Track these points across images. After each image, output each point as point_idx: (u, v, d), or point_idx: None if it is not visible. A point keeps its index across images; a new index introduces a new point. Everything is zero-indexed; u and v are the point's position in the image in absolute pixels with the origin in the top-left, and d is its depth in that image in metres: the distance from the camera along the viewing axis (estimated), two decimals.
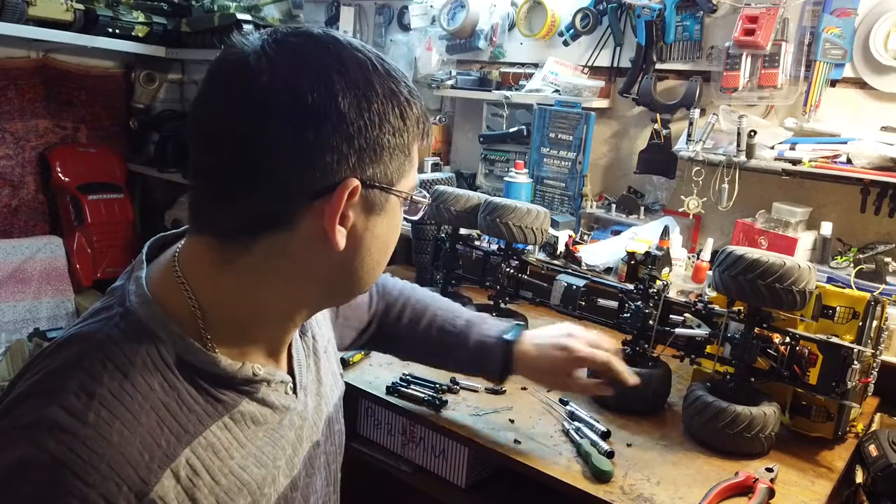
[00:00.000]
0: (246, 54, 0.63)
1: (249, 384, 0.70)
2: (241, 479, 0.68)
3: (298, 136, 0.62)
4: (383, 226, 0.70)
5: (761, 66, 1.92)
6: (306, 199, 0.64)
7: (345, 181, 0.64)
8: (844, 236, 1.86)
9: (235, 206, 0.65)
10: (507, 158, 2.51)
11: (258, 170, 0.63)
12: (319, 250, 0.67)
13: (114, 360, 0.62)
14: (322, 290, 0.72)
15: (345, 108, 0.62)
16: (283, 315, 0.72)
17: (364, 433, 1.61)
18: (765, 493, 1.15)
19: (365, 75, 0.65)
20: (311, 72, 0.62)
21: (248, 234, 0.66)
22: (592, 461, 1.21)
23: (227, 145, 0.63)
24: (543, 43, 2.42)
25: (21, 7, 2.50)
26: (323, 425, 0.85)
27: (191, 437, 0.64)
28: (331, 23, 2.96)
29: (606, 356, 1.19)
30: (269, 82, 0.62)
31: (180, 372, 0.65)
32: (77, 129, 3.23)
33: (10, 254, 2.90)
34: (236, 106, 0.63)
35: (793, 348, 1.32)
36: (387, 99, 0.65)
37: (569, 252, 2.00)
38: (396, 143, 0.67)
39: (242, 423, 0.69)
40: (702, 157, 1.92)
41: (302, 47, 0.64)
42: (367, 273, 0.73)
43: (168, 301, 0.67)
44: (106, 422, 0.59)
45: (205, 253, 0.68)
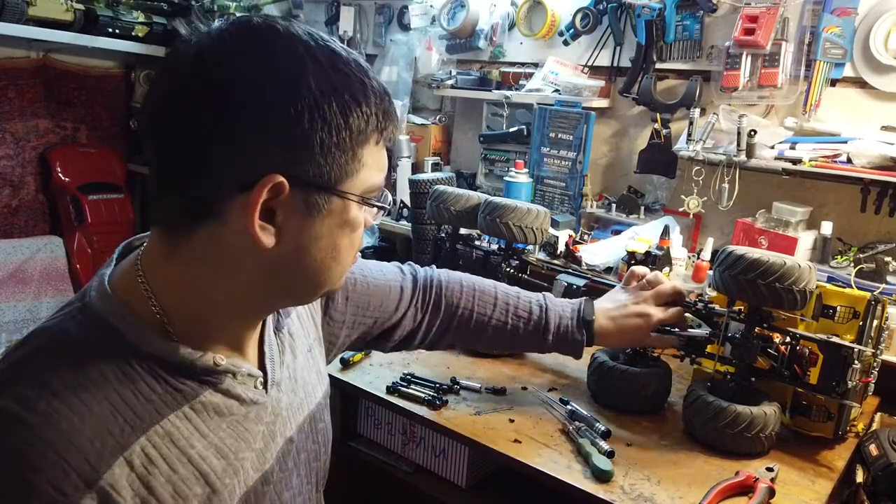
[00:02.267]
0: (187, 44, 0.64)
1: (211, 374, 0.70)
2: (200, 469, 0.68)
3: (222, 127, 0.61)
4: (324, 227, 0.67)
5: (761, 66, 1.92)
6: (230, 191, 0.63)
7: (265, 176, 0.62)
8: (845, 236, 1.86)
9: (172, 195, 0.65)
10: (507, 158, 2.51)
11: (188, 159, 0.63)
12: (250, 246, 0.65)
13: (69, 352, 0.64)
14: (268, 286, 0.70)
15: (267, 99, 0.61)
16: (235, 308, 0.71)
17: (364, 433, 1.61)
18: (765, 492, 1.15)
19: (298, 68, 0.62)
20: (236, 61, 0.62)
21: (185, 224, 0.66)
22: (593, 461, 1.21)
23: (163, 134, 0.64)
24: (543, 43, 2.42)
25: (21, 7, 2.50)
26: (301, 422, 0.84)
27: (147, 425, 0.64)
28: (331, 23, 2.96)
29: (679, 311, 1.33)
30: (196, 72, 0.62)
31: (139, 362, 0.65)
32: (77, 129, 3.23)
33: (11, 254, 2.90)
34: (170, 96, 0.64)
35: (793, 348, 1.31)
36: (322, 94, 0.62)
37: (569, 252, 2.00)
38: (334, 142, 0.63)
39: (204, 414, 0.69)
40: (702, 156, 1.92)
41: (234, 36, 0.63)
42: (315, 275, 0.70)
43: (129, 295, 0.68)
44: (56, 411, 0.60)
45: (156, 244, 0.69)
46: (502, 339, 1.27)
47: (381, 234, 2.51)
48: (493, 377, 1.57)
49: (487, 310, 1.24)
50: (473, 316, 1.23)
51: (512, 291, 1.29)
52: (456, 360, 1.65)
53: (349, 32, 2.91)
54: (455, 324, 1.23)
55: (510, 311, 1.25)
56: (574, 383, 1.57)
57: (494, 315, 1.24)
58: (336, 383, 1.53)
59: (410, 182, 2.14)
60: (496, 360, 1.66)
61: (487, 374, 1.59)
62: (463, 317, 1.23)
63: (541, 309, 1.26)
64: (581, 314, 1.27)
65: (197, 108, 0.62)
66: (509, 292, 1.28)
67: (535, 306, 1.26)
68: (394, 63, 2.79)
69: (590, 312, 1.28)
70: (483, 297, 1.24)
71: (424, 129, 2.73)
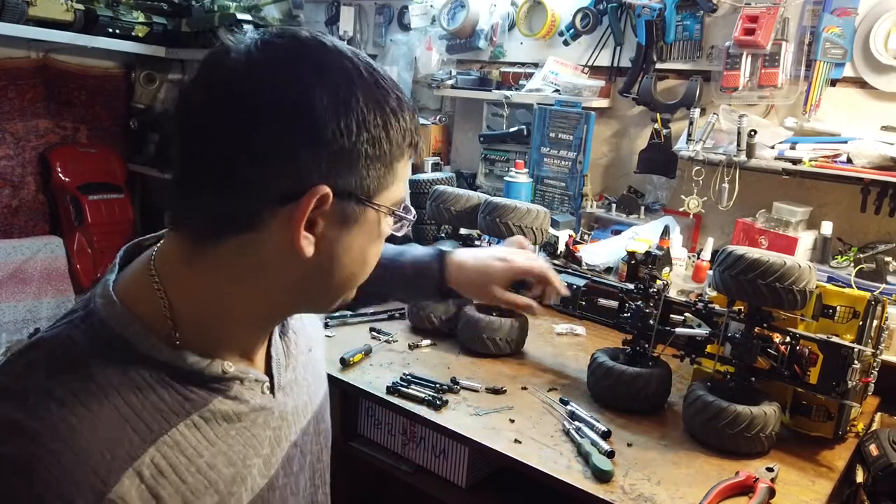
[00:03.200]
0: (230, 52, 0.64)
1: (220, 382, 0.69)
2: (209, 478, 0.67)
3: (269, 137, 0.61)
4: (358, 238, 0.68)
5: (761, 66, 1.92)
6: (274, 203, 0.63)
7: (314, 188, 0.62)
8: (845, 236, 1.86)
9: (205, 202, 0.64)
10: (508, 158, 2.51)
11: (228, 168, 0.62)
12: (287, 257, 0.65)
13: (75, 360, 0.62)
14: (292, 298, 0.70)
15: (320, 112, 0.61)
16: (253, 319, 0.71)
17: (364, 433, 1.61)
18: (765, 492, 1.15)
19: (347, 82, 0.63)
20: (289, 74, 0.62)
21: (214, 232, 0.65)
22: (593, 461, 1.21)
23: (202, 141, 0.63)
24: (543, 43, 2.42)
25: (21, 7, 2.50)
26: (305, 425, 0.84)
27: (156, 435, 0.63)
28: (331, 23, 2.96)
29: (544, 266, 1.23)
30: (245, 80, 0.62)
31: (146, 371, 0.64)
32: (77, 130, 3.23)
33: (11, 254, 2.90)
34: (214, 102, 0.63)
35: (793, 348, 1.32)
36: (368, 108, 0.64)
37: (569, 252, 2.00)
38: (375, 154, 0.65)
39: (213, 422, 0.68)
40: (702, 156, 1.92)
41: (285, 49, 0.64)
42: (341, 285, 0.71)
43: (138, 301, 0.66)
44: (63, 420, 0.59)
45: (177, 249, 0.67)
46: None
47: None
48: (493, 377, 1.57)
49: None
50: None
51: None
52: (456, 360, 1.65)
53: (349, 32, 2.91)
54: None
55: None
56: (574, 383, 1.57)
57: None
58: (336, 383, 1.53)
59: (410, 182, 2.14)
60: (496, 360, 1.66)
61: (487, 374, 1.59)
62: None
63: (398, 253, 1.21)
64: (437, 250, 1.21)
65: (248, 118, 0.61)
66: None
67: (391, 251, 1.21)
68: (394, 63, 2.79)
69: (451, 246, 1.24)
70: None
71: (424, 129, 2.72)
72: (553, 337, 1.88)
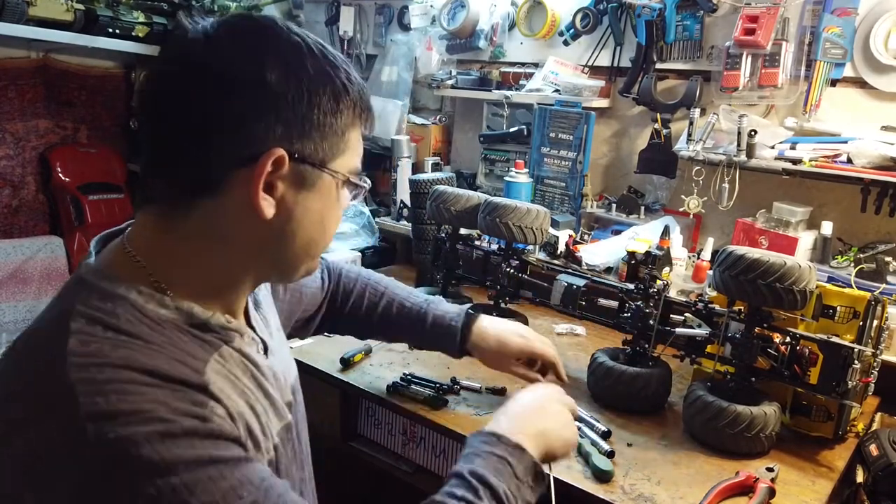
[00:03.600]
0: (189, 33, 0.69)
1: (224, 331, 0.74)
2: (249, 401, 0.73)
3: (227, 105, 0.66)
4: (315, 202, 0.73)
5: (762, 66, 1.92)
6: (234, 166, 0.68)
7: (270, 150, 0.67)
8: (845, 236, 1.86)
9: (172, 172, 0.69)
10: (508, 158, 2.51)
11: (190, 136, 0.67)
12: (249, 218, 0.70)
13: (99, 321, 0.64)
14: (261, 259, 0.75)
15: (272, 80, 0.66)
16: (229, 278, 0.76)
17: (364, 433, 1.61)
18: (765, 492, 1.15)
19: (297, 56, 0.69)
20: (244, 46, 0.68)
21: (184, 199, 0.70)
22: (593, 461, 1.21)
23: (165, 114, 0.68)
24: (543, 42, 2.42)
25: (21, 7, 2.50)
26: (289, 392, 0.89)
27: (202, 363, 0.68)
28: (331, 23, 2.96)
29: (555, 355, 1.30)
30: (203, 53, 0.67)
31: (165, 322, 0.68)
32: (77, 130, 3.23)
33: (11, 254, 2.90)
34: (173, 76, 0.68)
35: (793, 348, 1.32)
36: (318, 79, 0.69)
37: (569, 252, 2.00)
38: (328, 123, 0.71)
39: (231, 362, 0.73)
40: (702, 156, 1.92)
41: (239, 26, 0.70)
42: (303, 249, 0.76)
43: (124, 273, 0.70)
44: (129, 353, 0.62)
45: (151, 224, 0.72)
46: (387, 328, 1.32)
47: (381, 234, 2.51)
48: (493, 377, 1.57)
49: (375, 298, 1.30)
50: (363, 304, 1.30)
51: (402, 286, 1.35)
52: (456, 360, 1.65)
53: (349, 32, 2.91)
54: (346, 312, 1.29)
55: (395, 302, 1.31)
56: (574, 383, 1.57)
57: (381, 303, 1.30)
58: (336, 383, 1.53)
59: (410, 182, 2.14)
60: None
61: (487, 374, 1.58)
62: (354, 305, 1.30)
63: (425, 302, 1.31)
64: (464, 311, 1.31)
65: (203, 89, 0.66)
66: (399, 285, 1.34)
67: (420, 300, 1.32)
68: (394, 63, 2.79)
69: (474, 312, 1.32)
70: (374, 288, 1.31)
71: (424, 129, 2.73)
72: (553, 337, 1.87)
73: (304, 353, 1.61)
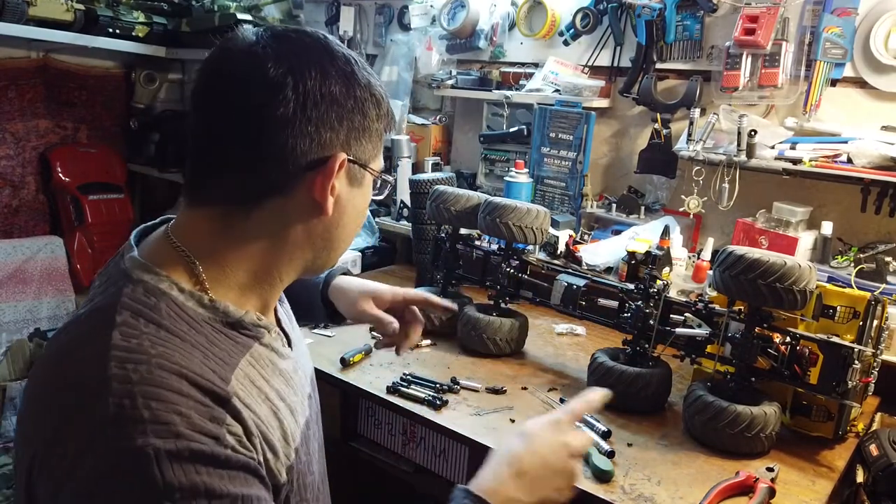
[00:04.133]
0: (250, 45, 0.73)
1: (256, 329, 0.78)
2: (275, 406, 0.76)
3: (301, 114, 0.71)
4: (360, 198, 0.82)
5: (762, 66, 1.92)
6: (303, 170, 0.73)
7: (335, 154, 0.74)
8: (845, 236, 1.86)
9: (240, 176, 0.74)
10: (508, 158, 2.51)
11: (265, 143, 0.72)
12: (310, 216, 0.76)
13: (142, 314, 0.68)
14: (309, 253, 0.80)
15: (336, 92, 0.73)
16: (275, 274, 0.80)
17: (364, 433, 1.61)
18: (765, 492, 1.15)
19: (350, 67, 0.76)
20: (309, 60, 0.73)
21: (250, 201, 0.74)
22: (593, 461, 1.21)
23: (237, 123, 0.72)
24: (543, 42, 2.41)
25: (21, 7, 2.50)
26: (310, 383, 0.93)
27: (231, 367, 0.71)
28: (331, 23, 2.96)
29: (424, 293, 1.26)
30: (275, 68, 0.71)
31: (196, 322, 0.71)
32: (77, 129, 3.23)
33: (11, 254, 2.90)
34: (247, 89, 0.72)
35: (793, 348, 1.32)
36: (366, 89, 0.77)
37: (569, 252, 2.00)
38: (374, 128, 0.79)
39: (263, 361, 0.77)
40: (702, 156, 1.92)
41: (298, 41, 0.75)
42: (345, 240, 0.83)
43: (169, 266, 0.73)
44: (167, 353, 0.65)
45: (204, 222, 0.75)
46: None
47: (381, 234, 2.51)
48: (493, 377, 1.57)
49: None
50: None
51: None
52: (456, 360, 1.65)
53: (349, 32, 2.91)
54: None
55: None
56: (574, 383, 1.57)
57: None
58: (336, 383, 1.53)
59: (410, 182, 2.14)
60: (496, 360, 1.66)
61: (487, 374, 1.59)
62: None
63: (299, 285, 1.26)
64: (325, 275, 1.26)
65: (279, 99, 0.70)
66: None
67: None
68: (394, 63, 2.79)
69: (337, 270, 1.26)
70: None
71: (424, 129, 2.73)
72: (553, 337, 1.88)
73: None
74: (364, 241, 2.44)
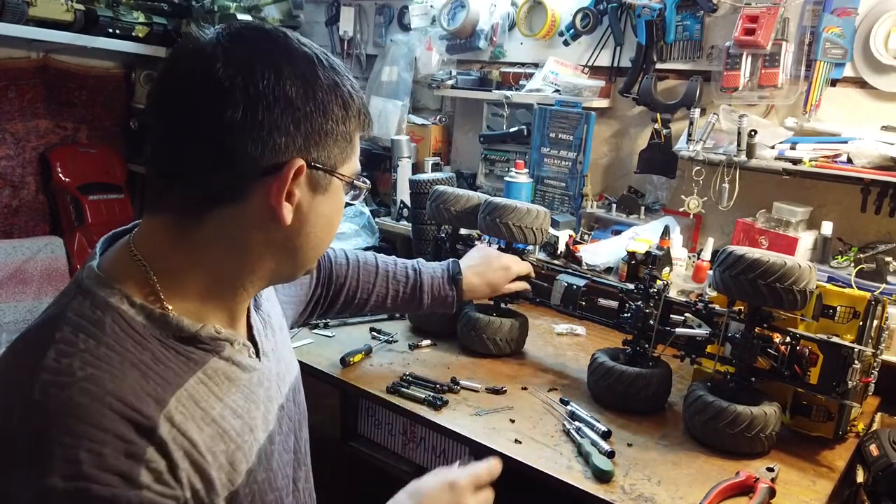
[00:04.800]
0: (203, 44, 0.70)
1: (214, 342, 0.75)
2: (223, 427, 0.73)
3: (251, 118, 0.67)
4: (326, 205, 0.77)
5: (762, 66, 1.92)
6: (256, 176, 0.70)
7: (291, 160, 0.70)
8: (845, 236, 1.86)
9: (191, 182, 0.70)
10: (508, 158, 2.51)
11: (213, 148, 0.68)
12: (267, 224, 0.73)
13: (84, 330, 0.66)
14: (271, 262, 0.77)
15: (292, 94, 0.69)
16: (237, 284, 0.77)
17: (364, 433, 1.61)
18: (765, 492, 1.15)
19: (311, 67, 0.72)
20: (262, 60, 0.69)
21: (201, 208, 0.71)
22: (593, 461, 1.21)
23: (186, 127, 0.69)
24: (543, 43, 2.42)
25: (21, 7, 2.50)
26: (287, 391, 0.90)
27: (174, 388, 0.68)
28: (331, 23, 2.96)
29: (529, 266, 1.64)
30: (224, 68, 0.67)
31: (149, 335, 0.69)
32: (77, 130, 3.23)
33: (11, 254, 2.90)
34: (195, 90, 0.69)
35: (793, 348, 1.31)
36: (330, 90, 0.72)
37: (569, 252, 2.00)
38: (339, 131, 0.74)
39: (217, 378, 0.74)
40: (702, 156, 1.92)
41: (254, 39, 0.71)
42: (313, 249, 0.79)
43: (125, 278, 0.71)
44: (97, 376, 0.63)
45: (160, 230, 0.73)
46: (385, 304, 1.45)
47: (381, 234, 2.51)
48: (493, 377, 1.57)
49: (370, 279, 1.41)
50: (359, 287, 1.40)
51: (390, 260, 1.47)
52: (456, 360, 1.65)
53: (349, 32, 2.91)
54: (343, 296, 1.38)
55: (389, 278, 1.43)
56: (574, 383, 1.57)
57: (377, 283, 1.42)
58: (336, 383, 1.53)
59: (410, 182, 2.14)
60: (496, 360, 1.66)
61: (487, 374, 1.59)
62: (350, 289, 1.39)
63: (415, 272, 1.46)
64: (450, 272, 1.49)
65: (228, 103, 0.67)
66: (388, 261, 1.46)
67: (410, 270, 1.46)
68: (394, 63, 2.79)
69: (457, 270, 1.50)
70: (366, 268, 1.41)
71: (424, 129, 2.73)
72: (553, 337, 1.87)
73: (304, 353, 1.61)
74: (364, 241, 2.44)
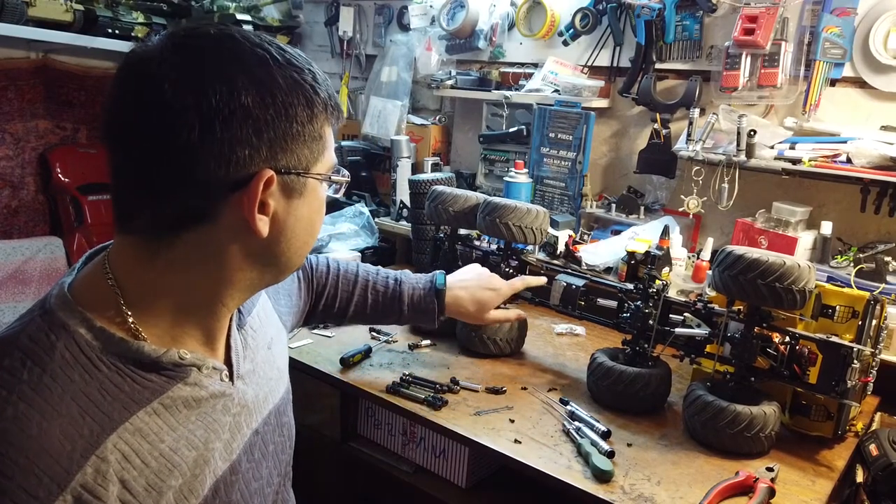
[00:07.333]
0: (148, 64, 0.65)
1: (178, 368, 0.72)
2: (172, 461, 0.70)
3: (209, 137, 0.64)
4: (304, 208, 0.74)
5: (761, 66, 1.92)
6: (224, 193, 0.67)
7: (259, 172, 0.67)
8: (844, 235, 1.86)
9: (156, 204, 0.67)
10: (507, 158, 2.51)
11: (173, 169, 0.65)
12: (243, 238, 0.70)
13: (32, 356, 0.64)
14: (251, 272, 0.75)
15: (249, 103, 0.65)
16: (214, 300, 0.75)
17: (364, 433, 1.61)
18: (765, 492, 1.15)
19: (266, 70, 0.67)
20: (212, 73, 0.65)
21: (170, 230, 0.68)
22: (593, 461, 1.21)
23: (142, 147, 0.66)
24: (543, 43, 2.42)
25: (21, 8, 2.50)
26: (266, 415, 0.87)
27: (116, 423, 0.66)
28: (331, 23, 2.96)
29: (522, 282, 1.52)
30: (172, 90, 0.63)
31: (103, 362, 0.67)
32: (77, 130, 3.22)
33: (11, 255, 2.90)
34: (145, 110, 0.65)
35: (792, 347, 1.32)
36: (290, 90, 0.68)
37: (569, 252, 2.00)
38: (307, 132, 0.70)
39: (173, 408, 0.71)
40: (702, 156, 1.92)
41: (201, 49, 0.67)
42: (295, 253, 0.77)
43: (93, 298, 0.69)
44: (25, 415, 0.60)
45: (131, 250, 0.71)
46: (364, 313, 1.38)
47: (380, 234, 2.51)
48: (493, 377, 1.57)
49: (349, 287, 1.35)
50: (338, 295, 1.33)
51: (371, 269, 1.40)
52: (456, 360, 1.65)
53: (349, 33, 2.91)
54: (322, 304, 1.32)
55: (369, 287, 1.36)
56: (574, 383, 1.57)
57: (356, 291, 1.35)
58: (336, 383, 1.53)
59: (410, 182, 2.14)
60: (496, 361, 1.66)
61: (487, 374, 1.59)
62: (329, 296, 1.33)
63: (395, 282, 1.39)
64: (434, 284, 1.39)
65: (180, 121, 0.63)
66: (369, 270, 1.40)
67: (390, 280, 1.39)
68: (394, 63, 2.79)
69: (442, 282, 1.40)
70: (345, 277, 1.35)
71: (424, 129, 2.73)
72: (553, 337, 1.88)
73: (304, 354, 1.61)
74: (364, 241, 2.44)
